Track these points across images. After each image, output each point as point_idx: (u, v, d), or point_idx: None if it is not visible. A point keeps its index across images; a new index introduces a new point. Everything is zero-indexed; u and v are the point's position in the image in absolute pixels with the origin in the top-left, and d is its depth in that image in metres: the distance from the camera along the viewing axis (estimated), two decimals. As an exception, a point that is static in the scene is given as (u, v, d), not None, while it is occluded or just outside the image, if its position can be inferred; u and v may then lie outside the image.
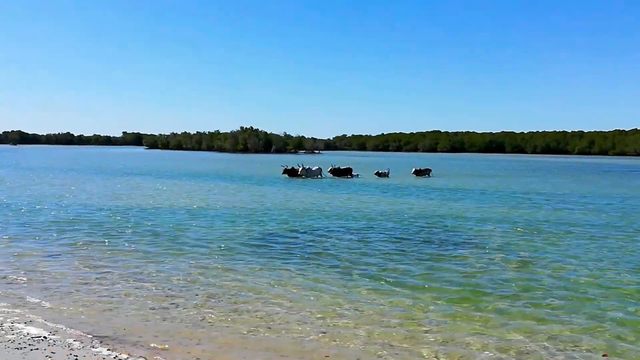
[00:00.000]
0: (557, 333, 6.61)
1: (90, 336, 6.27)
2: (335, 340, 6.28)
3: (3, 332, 6.32)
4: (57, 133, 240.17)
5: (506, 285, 8.76)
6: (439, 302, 7.82)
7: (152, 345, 6.07)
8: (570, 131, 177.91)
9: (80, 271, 9.46)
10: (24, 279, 8.90)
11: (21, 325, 6.56)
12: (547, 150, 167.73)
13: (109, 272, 9.43)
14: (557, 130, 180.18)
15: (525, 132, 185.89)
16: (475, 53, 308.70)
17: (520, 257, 11.02)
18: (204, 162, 70.75)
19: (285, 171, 36.69)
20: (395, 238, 13.12)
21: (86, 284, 8.65)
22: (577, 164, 78.60)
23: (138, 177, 36.44)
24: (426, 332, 6.59)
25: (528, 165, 76.49)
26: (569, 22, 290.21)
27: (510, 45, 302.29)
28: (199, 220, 15.81)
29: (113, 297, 7.91)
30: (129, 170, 45.49)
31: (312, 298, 7.95)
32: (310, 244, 12.27)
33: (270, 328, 6.70)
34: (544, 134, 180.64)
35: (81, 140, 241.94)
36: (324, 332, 6.55)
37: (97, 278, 8.99)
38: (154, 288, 8.41)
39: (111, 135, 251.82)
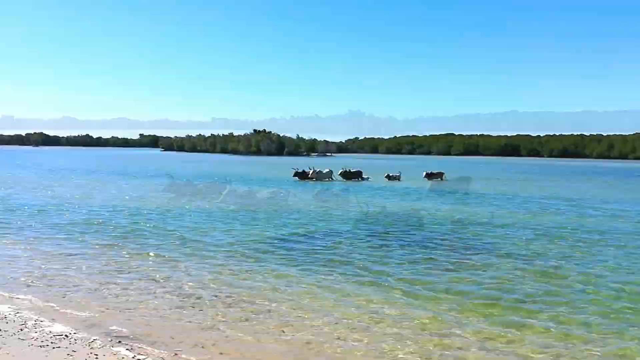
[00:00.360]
0: (586, 351, 6.28)
1: (110, 336, 6.42)
2: (348, 349, 6.28)
3: (27, 329, 6.52)
4: (76, 135, 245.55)
5: (533, 299, 8.31)
6: (459, 315, 7.53)
7: (169, 346, 6.19)
8: (588, 134, 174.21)
9: (99, 273, 9.67)
10: (45, 279, 9.14)
11: (44, 324, 6.76)
12: (564, 154, 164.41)
13: (127, 273, 9.63)
14: (575, 134, 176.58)
15: (542, 135, 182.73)
16: (486, 54, 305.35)
17: (547, 267, 10.46)
18: (217, 164, 71.32)
19: (296, 174, 36.74)
20: (416, 244, 12.81)
21: (105, 285, 8.84)
22: (597, 168, 76.76)
23: (156, 179, 36.97)
24: (444, 347, 6.35)
25: (545, 169, 75.18)
26: (585, 23, 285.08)
27: (524, 47, 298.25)
28: (216, 223, 15.98)
29: (131, 299, 8.08)
30: (146, 173, 46.17)
31: (327, 305, 7.95)
32: (327, 249, 12.24)
33: (284, 332, 6.76)
34: (561, 137, 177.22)
35: (99, 142, 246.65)
36: (339, 339, 6.58)
37: (115, 280, 9.19)
38: (171, 290, 8.56)
39: (128, 138, 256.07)
